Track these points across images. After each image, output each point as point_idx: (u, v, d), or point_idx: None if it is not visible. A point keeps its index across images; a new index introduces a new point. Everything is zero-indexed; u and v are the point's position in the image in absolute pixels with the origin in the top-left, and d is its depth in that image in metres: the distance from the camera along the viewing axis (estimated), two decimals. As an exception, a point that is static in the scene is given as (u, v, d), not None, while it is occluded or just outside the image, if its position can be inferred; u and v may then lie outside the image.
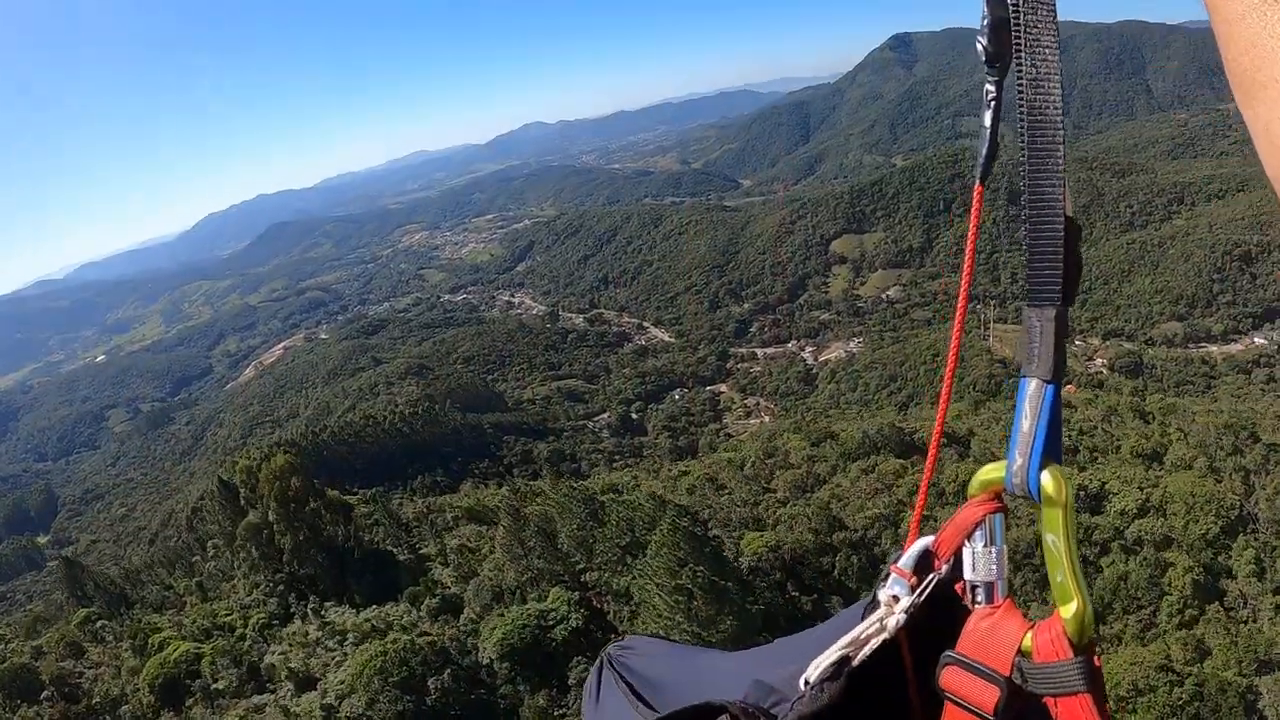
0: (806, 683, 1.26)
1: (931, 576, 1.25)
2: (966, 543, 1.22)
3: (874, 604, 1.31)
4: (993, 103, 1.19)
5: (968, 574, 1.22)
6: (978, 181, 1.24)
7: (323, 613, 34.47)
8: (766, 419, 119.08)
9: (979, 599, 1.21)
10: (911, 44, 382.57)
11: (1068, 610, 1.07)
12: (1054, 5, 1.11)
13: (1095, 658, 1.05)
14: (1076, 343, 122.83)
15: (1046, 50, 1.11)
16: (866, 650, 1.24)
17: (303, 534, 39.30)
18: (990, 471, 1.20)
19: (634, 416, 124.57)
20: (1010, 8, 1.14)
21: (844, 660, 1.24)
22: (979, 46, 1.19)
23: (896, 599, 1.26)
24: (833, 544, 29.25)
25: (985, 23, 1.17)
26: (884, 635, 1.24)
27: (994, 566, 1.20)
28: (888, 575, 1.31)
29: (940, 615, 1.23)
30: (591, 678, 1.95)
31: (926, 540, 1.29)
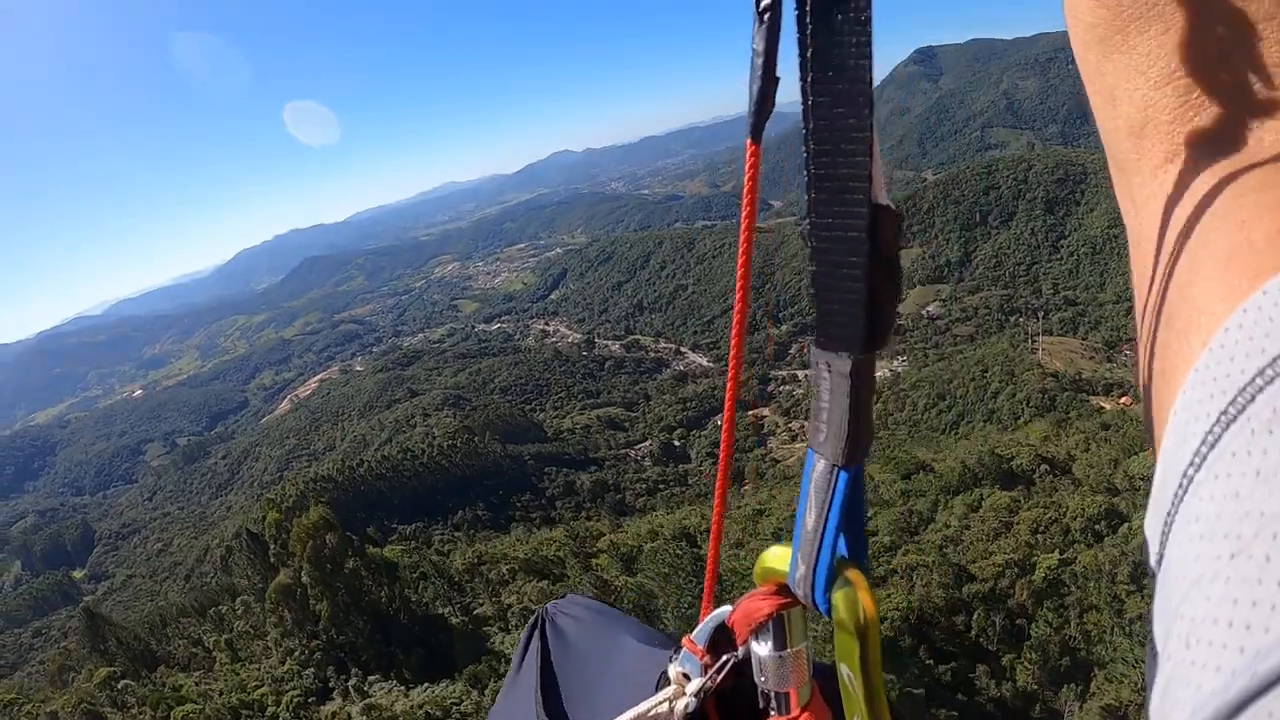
0: None
1: (726, 658, 1.03)
2: (754, 641, 0.96)
3: (664, 678, 1.11)
4: (767, 18, 0.59)
5: (756, 677, 0.97)
6: (748, 137, 0.70)
7: (366, 689, 30.39)
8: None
9: (772, 706, 0.97)
10: (936, 57, 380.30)
11: None
12: None
13: None
14: (1125, 352, 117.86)
15: None
16: None
17: (341, 597, 35.49)
18: (775, 560, 0.86)
19: (676, 444, 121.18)
20: None
21: None
22: None
23: (687, 677, 1.06)
24: (963, 599, 25.30)
25: None
26: (671, 719, 1.07)
27: (785, 676, 0.94)
28: (679, 648, 1.10)
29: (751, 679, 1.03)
30: (524, 636, 1.74)
31: (723, 612, 1.04)
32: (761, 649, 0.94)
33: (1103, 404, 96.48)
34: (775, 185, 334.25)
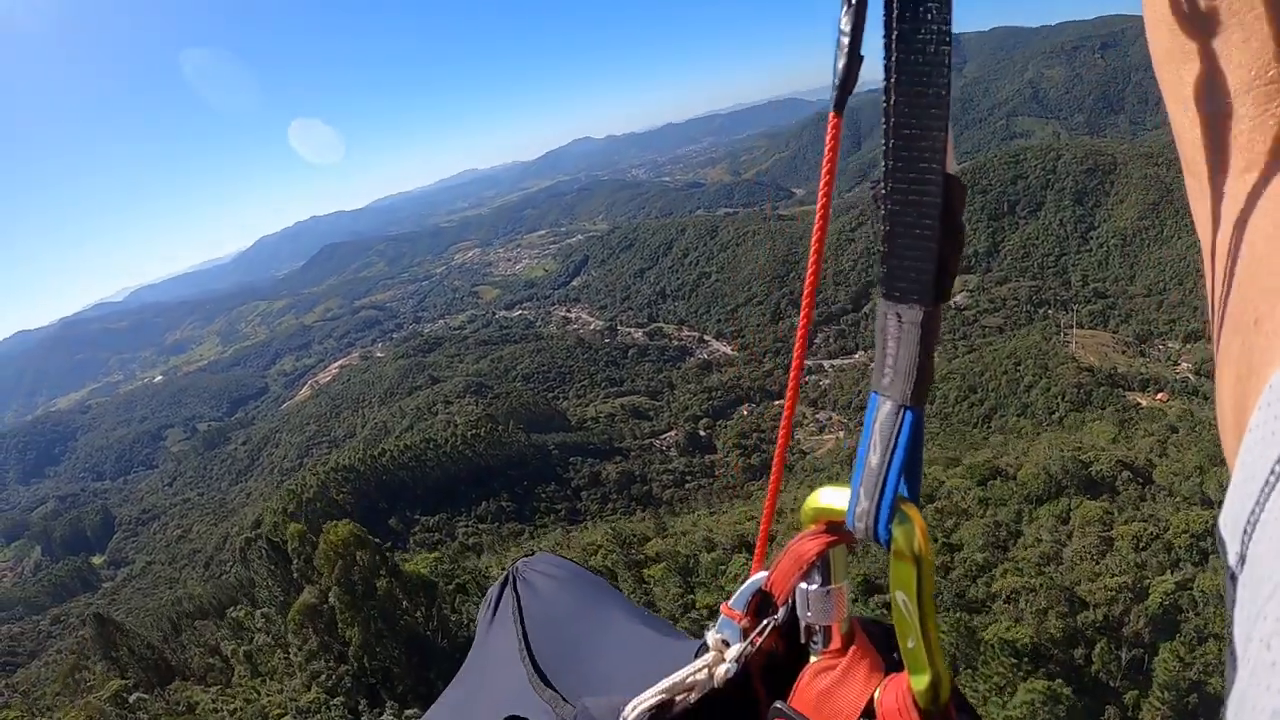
0: None
1: (767, 622, 1.06)
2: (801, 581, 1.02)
3: (703, 647, 1.13)
4: (855, 3, 0.72)
5: (800, 613, 1.02)
6: (832, 109, 0.82)
7: (404, 725, 27.07)
8: (841, 434, 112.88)
9: (816, 643, 1.03)
10: (960, 45, 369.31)
11: (920, 682, 0.89)
12: None
13: None
14: (1158, 347, 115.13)
15: None
16: (692, 697, 1.09)
17: (374, 622, 32.11)
18: (827, 500, 0.95)
19: (701, 434, 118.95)
20: None
21: (665, 705, 1.09)
22: None
23: (727, 644, 1.09)
24: (1079, 628, 22.52)
25: None
26: (711, 685, 1.08)
27: (830, 609, 1.00)
28: (718, 614, 1.12)
29: (798, 644, 1.06)
30: (493, 592, 1.72)
31: (760, 577, 1.08)
32: (809, 584, 0.99)
33: (1139, 400, 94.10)
34: (795, 174, 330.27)
